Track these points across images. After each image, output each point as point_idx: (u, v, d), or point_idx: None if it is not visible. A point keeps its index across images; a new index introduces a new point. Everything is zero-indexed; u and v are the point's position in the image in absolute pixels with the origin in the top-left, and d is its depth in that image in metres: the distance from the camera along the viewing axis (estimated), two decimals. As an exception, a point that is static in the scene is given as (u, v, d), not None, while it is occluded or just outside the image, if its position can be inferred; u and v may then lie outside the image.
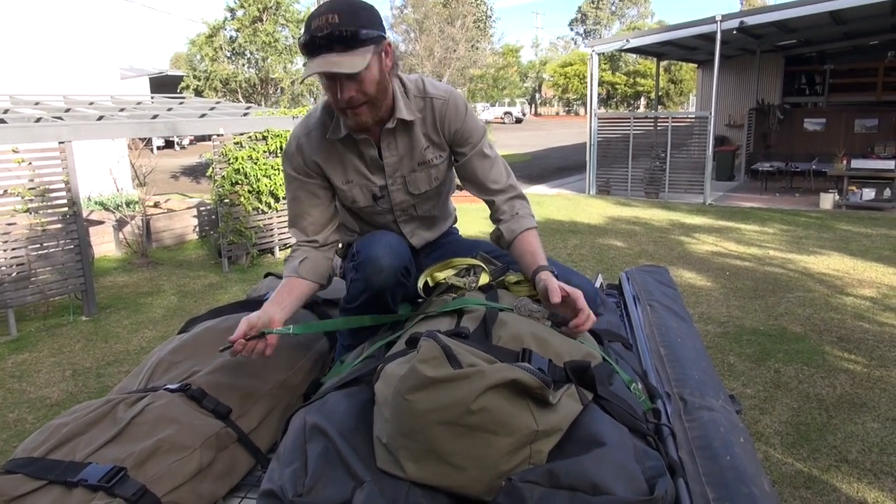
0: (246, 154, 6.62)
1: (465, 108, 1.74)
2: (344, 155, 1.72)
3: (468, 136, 1.76)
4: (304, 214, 1.76)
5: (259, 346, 1.50)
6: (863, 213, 9.22)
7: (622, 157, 11.43)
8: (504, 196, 1.81)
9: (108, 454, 1.29)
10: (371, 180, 1.75)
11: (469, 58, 10.83)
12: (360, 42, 1.48)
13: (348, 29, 1.45)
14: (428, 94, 1.71)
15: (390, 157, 1.72)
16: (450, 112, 1.72)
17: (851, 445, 3.08)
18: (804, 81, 14.15)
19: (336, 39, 1.45)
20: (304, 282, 1.70)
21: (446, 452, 1.05)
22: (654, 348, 1.73)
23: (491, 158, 1.81)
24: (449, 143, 1.76)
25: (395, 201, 1.79)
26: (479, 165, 1.78)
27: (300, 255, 1.74)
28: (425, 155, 1.74)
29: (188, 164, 18.13)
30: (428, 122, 1.72)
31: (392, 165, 1.73)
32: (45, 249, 5.02)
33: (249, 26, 14.22)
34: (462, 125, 1.74)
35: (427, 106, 1.71)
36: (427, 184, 1.79)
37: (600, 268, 6.26)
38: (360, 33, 1.47)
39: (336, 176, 1.74)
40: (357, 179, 1.74)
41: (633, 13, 52.12)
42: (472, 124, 1.76)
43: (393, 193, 1.77)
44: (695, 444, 1.26)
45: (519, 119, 39.78)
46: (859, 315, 4.86)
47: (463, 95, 1.82)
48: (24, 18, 9.63)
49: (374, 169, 1.74)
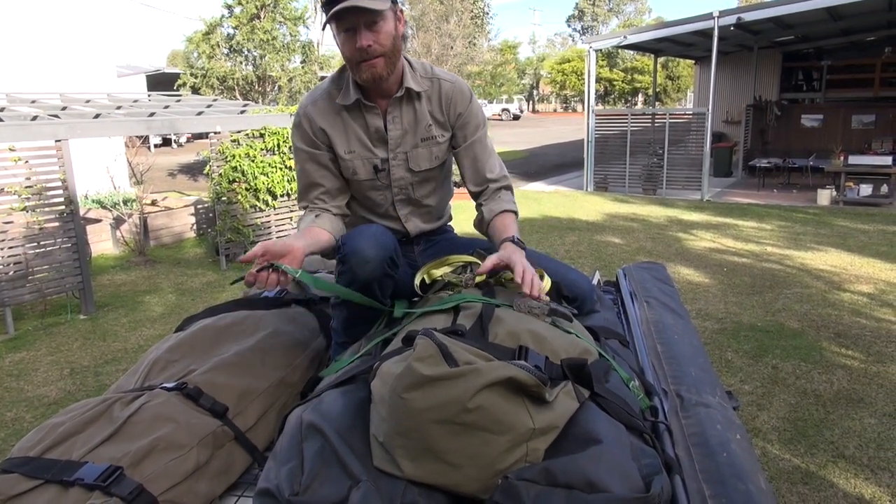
0: (243, 152, 6.62)
1: (470, 94, 1.82)
2: (349, 124, 1.76)
3: (471, 121, 1.82)
4: (314, 185, 1.80)
5: (272, 277, 1.48)
6: (860, 209, 9.23)
7: (620, 154, 11.43)
8: (495, 185, 1.86)
9: (104, 453, 1.29)
10: (373, 152, 1.79)
11: (466, 54, 10.82)
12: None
13: None
14: (436, 75, 1.79)
15: (395, 130, 1.77)
16: (456, 95, 1.79)
17: (849, 441, 3.09)
18: (801, 77, 14.16)
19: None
20: (322, 230, 1.73)
21: (443, 451, 1.05)
22: (651, 345, 1.73)
23: (489, 148, 1.87)
24: (452, 125, 1.82)
25: (394, 177, 1.82)
26: (478, 151, 1.84)
27: (314, 212, 1.78)
28: (430, 131, 1.79)
29: (185, 162, 18.10)
30: (434, 101, 1.78)
31: (395, 139, 1.78)
32: (42, 248, 5.01)
33: (247, 24, 14.20)
34: (467, 109, 1.81)
35: (434, 86, 1.78)
36: (428, 161, 1.83)
37: (598, 264, 6.26)
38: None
39: (339, 144, 1.77)
40: (359, 150, 1.78)
41: (631, 9, 52.10)
42: (476, 110, 1.83)
43: (393, 168, 1.81)
44: (691, 441, 1.26)
45: (517, 116, 39.75)
46: (856, 311, 4.87)
47: (468, 84, 1.88)
48: (21, 16, 9.59)
49: (376, 141, 1.78)
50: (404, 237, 1.91)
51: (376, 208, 1.89)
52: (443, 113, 1.80)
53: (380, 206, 1.88)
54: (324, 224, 1.75)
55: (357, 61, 1.62)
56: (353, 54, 1.62)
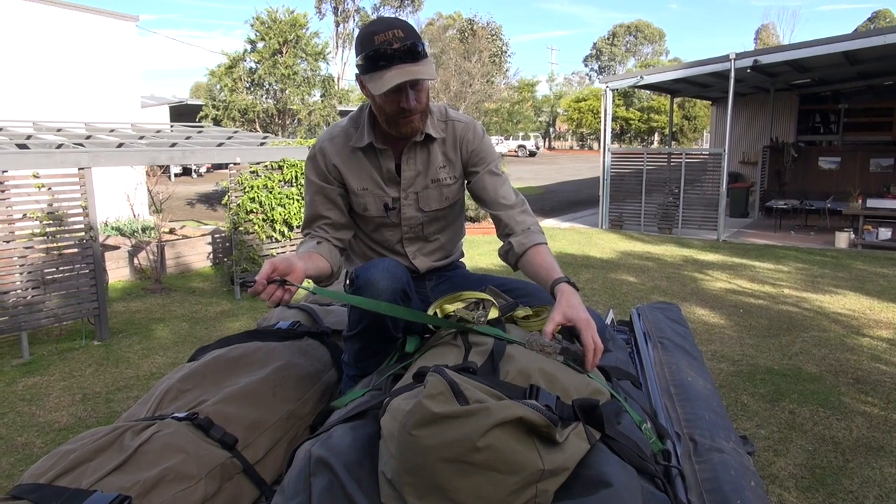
0: (261, 183, 6.70)
1: (482, 133, 1.87)
2: (363, 163, 1.81)
3: (483, 157, 1.86)
4: (320, 216, 1.84)
5: (278, 293, 1.49)
6: (879, 252, 9.13)
7: (635, 192, 11.44)
8: (514, 210, 1.85)
9: (113, 482, 1.29)
10: (385, 191, 1.82)
11: (484, 92, 10.96)
12: (425, 53, 1.63)
13: (417, 42, 1.60)
14: (450, 118, 1.84)
15: (408, 171, 1.81)
16: (468, 133, 1.84)
17: (868, 490, 3.01)
18: (819, 120, 14.17)
19: (409, 51, 1.58)
20: (321, 258, 1.75)
21: (451, 490, 1.04)
22: (665, 387, 1.71)
23: (502, 177, 1.90)
24: (464, 162, 1.86)
25: (405, 216, 1.85)
26: (489, 182, 1.86)
27: (316, 238, 1.80)
28: (439, 174, 1.83)
29: (204, 192, 18.35)
30: (448, 142, 1.83)
31: (408, 179, 1.81)
32: (60, 273, 5.07)
33: (269, 58, 14.52)
34: (478, 146, 1.85)
35: (449, 128, 1.83)
36: (438, 202, 1.86)
37: (612, 303, 6.22)
38: (424, 45, 1.64)
39: (352, 180, 1.81)
40: (372, 188, 1.82)
41: (648, 50, 52.67)
42: (488, 146, 1.88)
43: (404, 208, 1.84)
44: (704, 487, 1.24)
45: (533, 152, 40.01)
46: (876, 356, 4.78)
47: (482, 125, 1.92)
48: (49, 47, 9.88)
49: (389, 182, 1.82)
50: (414, 273, 1.92)
51: (384, 243, 1.92)
52: (456, 151, 1.84)
53: (388, 241, 1.91)
54: (323, 252, 1.77)
55: (398, 117, 1.67)
56: (394, 111, 1.66)
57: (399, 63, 1.57)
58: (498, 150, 11.70)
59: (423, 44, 1.62)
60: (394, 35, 1.56)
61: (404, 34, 1.57)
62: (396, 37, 1.56)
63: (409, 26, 1.61)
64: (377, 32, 1.57)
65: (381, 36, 1.56)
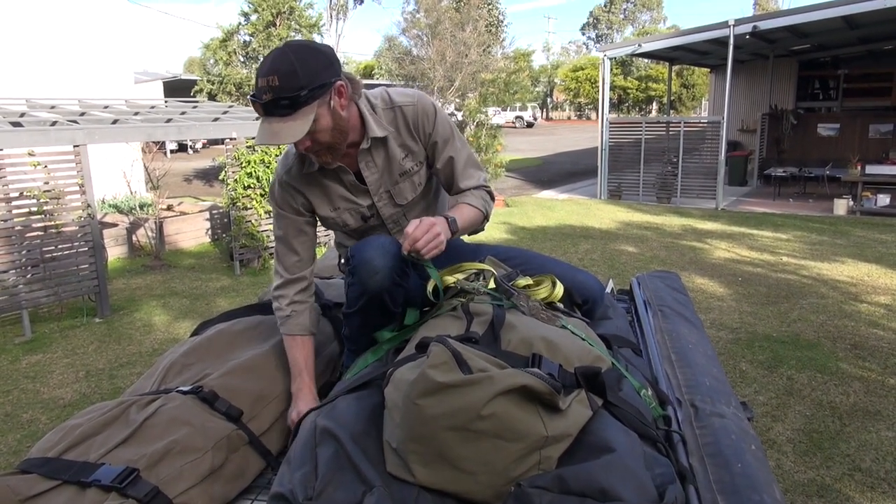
0: (258, 158, 6.67)
1: (434, 110, 1.77)
2: (326, 185, 1.76)
3: (439, 138, 1.78)
4: (290, 252, 1.80)
5: None
6: (877, 219, 9.14)
7: (634, 162, 11.39)
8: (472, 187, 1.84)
9: (121, 455, 1.30)
10: (358, 203, 1.78)
11: (481, 62, 10.82)
12: (301, 104, 1.47)
13: (288, 95, 1.45)
14: (396, 103, 1.74)
15: (371, 176, 1.76)
16: (420, 117, 1.75)
17: (865, 454, 3.05)
18: (818, 86, 14.06)
19: (276, 105, 1.46)
20: (307, 338, 1.75)
21: (456, 457, 1.06)
22: (665, 354, 1.72)
23: (464, 160, 1.82)
24: (424, 146, 1.79)
25: (384, 216, 1.83)
26: (452, 167, 1.81)
27: (288, 309, 1.77)
28: (403, 165, 1.77)
29: (201, 168, 18.25)
30: (402, 131, 1.75)
31: (374, 183, 1.77)
32: (59, 251, 5.07)
33: (263, 31, 14.34)
34: (433, 128, 1.77)
35: (398, 115, 1.74)
36: (412, 191, 1.82)
37: (612, 273, 6.24)
38: (300, 98, 1.46)
39: (323, 207, 1.78)
40: (344, 205, 1.78)
41: (646, 18, 52.03)
42: (441, 125, 1.78)
43: (381, 209, 1.81)
44: (705, 451, 1.25)
45: (530, 123, 39.70)
46: (874, 322, 4.82)
47: (430, 98, 1.84)
48: (40, 23, 9.74)
49: (357, 192, 1.77)
50: None
51: None
52: (413, 138, 1.77)
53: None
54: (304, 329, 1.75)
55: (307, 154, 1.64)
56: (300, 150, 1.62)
57: (267, 117, 1.49)
58: (495, 121, 11.60)
59: (308, 89, 1.46)
60: (268, 84, 1.45)
61: (280, 82, 1.44)
62: (270, 86, 1.44)
63: (291, 69, 1.44)
64: (260, 75, 1.47)
65: (261, 80, 1.46)
